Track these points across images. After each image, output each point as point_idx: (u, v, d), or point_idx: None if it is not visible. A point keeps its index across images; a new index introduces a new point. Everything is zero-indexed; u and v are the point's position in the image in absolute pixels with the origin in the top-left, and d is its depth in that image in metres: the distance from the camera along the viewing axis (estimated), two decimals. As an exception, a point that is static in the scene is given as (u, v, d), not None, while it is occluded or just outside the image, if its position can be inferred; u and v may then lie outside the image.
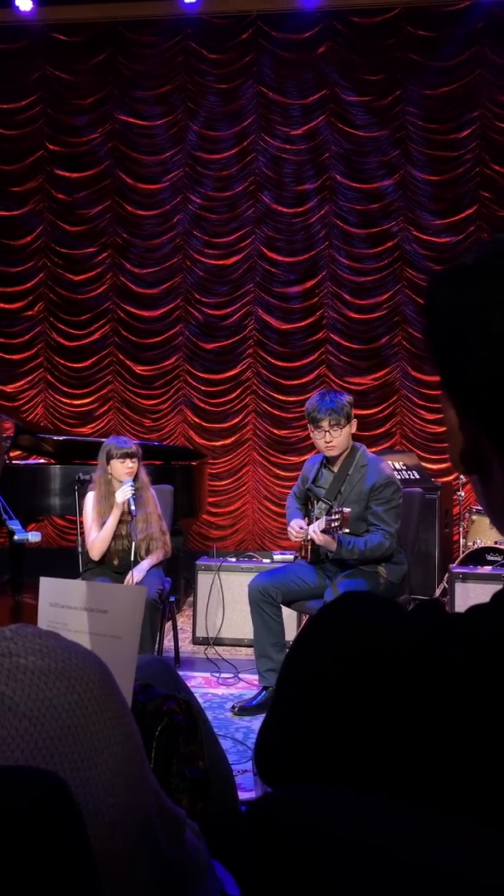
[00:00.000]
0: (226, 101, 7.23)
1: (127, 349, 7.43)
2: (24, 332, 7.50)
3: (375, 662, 0.63)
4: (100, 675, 0.70)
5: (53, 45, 7.33)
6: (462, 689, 0.59)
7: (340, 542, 3.50)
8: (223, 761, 1.51)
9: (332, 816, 0.58)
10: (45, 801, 0.59)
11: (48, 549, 6.53)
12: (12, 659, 0.67)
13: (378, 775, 0.62)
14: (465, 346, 0.66)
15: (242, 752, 3.22)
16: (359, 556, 3.53)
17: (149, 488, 4.10)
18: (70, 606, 1.13)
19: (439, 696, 0.60)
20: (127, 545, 3.94)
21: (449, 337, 0.67)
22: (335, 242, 7.14)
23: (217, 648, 4.69)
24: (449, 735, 0.59)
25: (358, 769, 0.63)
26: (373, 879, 0.54)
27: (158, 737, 1.07)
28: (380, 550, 3.53)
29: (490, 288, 0.64)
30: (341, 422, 3.57)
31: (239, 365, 7.29)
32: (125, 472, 3.94)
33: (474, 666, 0.59)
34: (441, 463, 6.87)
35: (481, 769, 0.58)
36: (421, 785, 0.60)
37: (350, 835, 0.57)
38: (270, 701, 0.76)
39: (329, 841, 0.57)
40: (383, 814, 0.59)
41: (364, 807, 0.59)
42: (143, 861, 0.75)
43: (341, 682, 0.64)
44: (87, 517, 4.05)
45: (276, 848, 0.59)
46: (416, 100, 6.94)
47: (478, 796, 0.58)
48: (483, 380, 0.64)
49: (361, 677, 0.63)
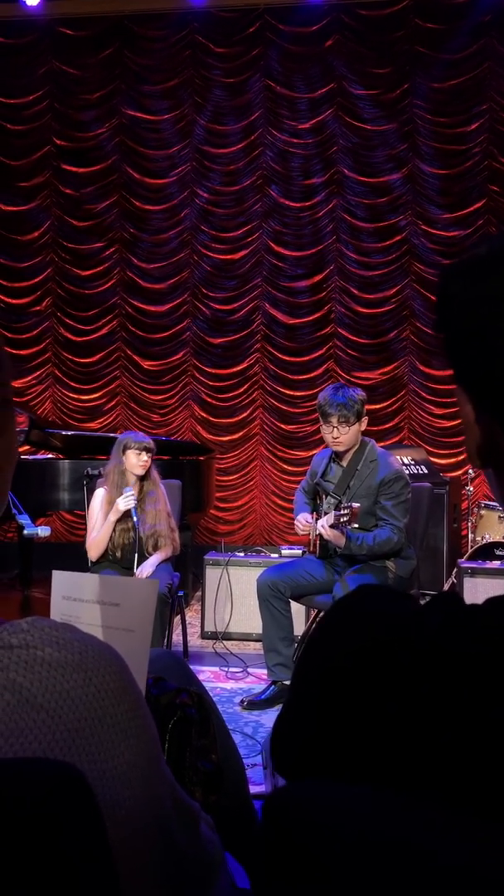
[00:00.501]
0: (233, 95, 7.21)
1: (134, 344, 7.43)
2: (32, 328, 7.51)
3: (387, 657, 0.63)
4: (116, 667, 0.71)
5: (60, 39, 7.32)
6: (475, 682, 0.59)
7: (349, 538, 3.51)
8: (235, 754, 1.51)
9: (341, 814, 0.59)
10: (62, 793, 0.59)
11: (57, 544, 6.54)
12: (30, 651, 0.67)
13: (390, 770, 0.62)
14: (479, 339, 0.65)
15: (251, 746, 3.23)
16: (367, 552, 3.53)
17: (159, 485, 4.11)
18: (83, 600, 1.13)
19: (451, 689, 0.59)
20: (132, 538, 3.96)
21: (463, 329, 0.67)
22: (343, 237, 7.12)
23: (225, 643, 4.70)
24: (461, 729, 0.59)
25: (370, 763, 0.63)
26: (380, 876, 0.54)
27: (171, 730, 1.07)
28: (388, 545, 3.53)
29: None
30: (350, 419, 3.56)
31: (246, 360, 7.28)
32: (139, 464, 3.97)
33: (488, 659, 0.59)
34: (450, 458, 6.86)
35: (494, 763, 0.58)
36: (432, 779, 0.60)
37: (358, 832, 0.57)
38: (286, 695, 0.76)
39: (336, 838, 0.57)
40: (392, 810, 0.59)
41: (373, 803, 0.59)
42: (159, 853, 0.75)
43: (353, 676, 0.65)
44: (92, 514, 4.07)
45: (285, 844, 0.59)
46: (424, 93, 6.90)
47: (489, 791, 0.58)
48: (498, 372, 0.64)
49: (373, 672, 0.63)
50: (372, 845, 0.55)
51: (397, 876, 0.53)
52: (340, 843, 0.56)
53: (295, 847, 0.58)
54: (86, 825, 0.60)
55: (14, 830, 0.57)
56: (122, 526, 3.97)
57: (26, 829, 0.57)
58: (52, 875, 0.57)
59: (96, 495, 4.10)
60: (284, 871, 0.58)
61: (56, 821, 0.58)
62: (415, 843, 0.54)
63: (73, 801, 0.60)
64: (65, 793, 0.59)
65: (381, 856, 0.54)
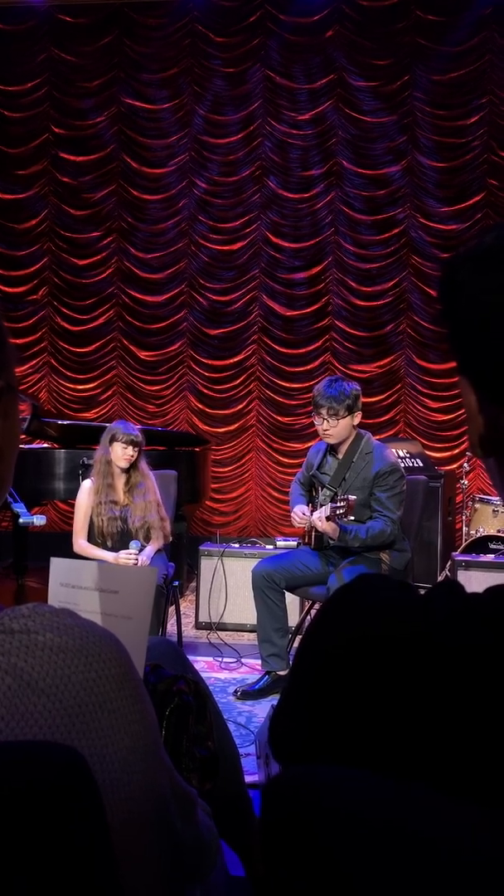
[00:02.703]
0: (232, 85, 7.18)
1: (131, 334, 7.42)
2: (29, 317, 7.49)
3: (389, 645, 0.63)
4: (117, 653, 0.71)
5: (59, 26, 7.27)
6: (474, 671, 0.59)
7: (343, 530, 3.52)
8: (230, 743, 1.52)
9: (344, 796, 0.59)
10: (63, 776, 0.60)
11: (51, 534, 6.54)
12: (30, 636, 0.67)
13: (391, 757, 0.62)
14: (486, 329, 0.65)
15: (245, 735, 3.24)
16: (361, 544, 3.55)
17: (149, 476, 4.10)
18: (81, 587, 1.13)
19: (454, 678, 0.60)
20: (121, 527, 3.97)
21: (469, 319, 0.67)
22: (341, 229, 7.11)
23: (220, 633, 4.71)
24: (465, 717, 0.59)
25: (369, 750, 0.63)
26: (381, 856, 0.55)
27: (169, 717, 1.08)
28: (381, 538, 3.54)
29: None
30: (339, 413, 3.56)
31: (243, 351, 7.28)
32: (124, 458, 3.96)
33: (491, 648, 0.59)
34: (445, 451, 6.87)
35: (497, 751, 0.58)
36: (428, 768, 0.60)
37: (362, 814, 0.57)
38: (285, 682, 0.77)
39: (341, 819, 0.58)
40: (391, 792, 0.59)
41: (372, 785, 0.60)
42: (158, 839, 0.76)
43: (354, 664, 0.65)
44: (79, 508, 4.06)
45: (287, 825, 0.60)
46: (424, 85, 6.88)
47: (485, 778, 0.58)
48: (503, 362, 0.64)
49: (374, 660, 0.64)
50: (375, 828, 0.55)
51: (399, 858, 0.54)
52: (344, 825, 0.56)
53: (297, 828, 0.58)
54: (86, 808, 0.60)
55: (16, 812, 0.57)
56: (109, 514, 3.98)
57: (28, 810, 0.57)
58: (51, 856, 0.58)
59: (83, 487, 4.10)
60: (286, 853, 0.58)
61: (57, 803, 0.58)
62: (414, 826, 0.55)
63: (73, 784, 0.60)
64: (65, 775, 0.60)
65: (384, 837, 0.55)
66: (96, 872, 0.61)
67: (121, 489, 4.03)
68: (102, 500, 3.99)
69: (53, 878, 0.58)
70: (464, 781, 0.59)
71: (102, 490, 3.99)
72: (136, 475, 4.05)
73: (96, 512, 4.00)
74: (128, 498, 4.02)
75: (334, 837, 0.57)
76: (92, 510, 4.01)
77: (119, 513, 3.99)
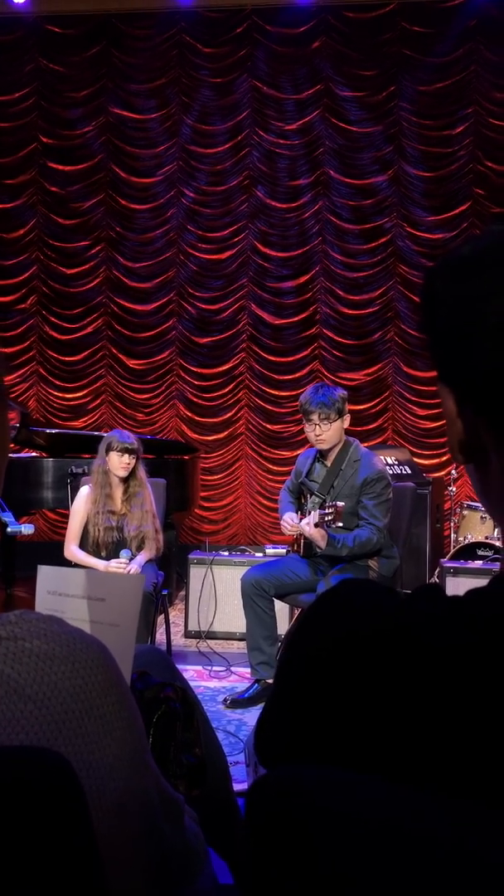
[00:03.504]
0: (220, 95, 7.22)
1: (120, 343, 7.42)
2: (17, 326, 7.48)
3: (373, 647, 0.64)
4: (103, 659, 0.71)
5: (47, 37, 7.29)
6: (459, 670, 0.60)
7: (331, 539, 3.53)
8: (219, 751, 1.52)
9: (334, 795, 0.60)
10: (50, 782, 0.60)
11: (40, 543, 6.52)
12: (17, 643, 0.67)
13: (370, 759, 0.63)
14: (463, 337, 0.67)
15: (234, 744, 3.24)
16: (348, 553, 3.56)
17: (146, 486, 4.09)
18: (68, 594, 1.13)
19: (437, 678, 0.60)
20: (117, 537, 3.96)
21: (448, 326, 0.68)
22: (328, 238, 7.15)
23: (209, 642, 4.70)
24: (446, 718, 0.60)
25: (350, 753, 0.64)
26: (376, 856, 0.55)
27: (156, 724, 1.08)
28: (368, 546, 3.56)
29: (490, 278, 0.65)
30: (331, 416, 3.59)
31: (232, 359, 7.29)
32: (121, 466, 3.95)
33: (472, 648, 0.60)
34: (433, 458, 6.90)
35: (477, 751, 0.59)
36: (414, 768, 0.61)
37: (353, 812, 0.58)
38: (271, 686, 0.77)
39: (331, 818, 0.58)
40: (382, 792, 0.60)
41: (364, 785, 0.60)
42: (145, 845, 0.76)
43: (338, 666, 0.65)
44: (75, 514, 4.04)
45: (274, 824, 0.60)
46: (411, 96, 6.94)
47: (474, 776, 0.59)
48: (483, 370, 0.65)
49: (358, 662, 0.64)
50: (371, 828, 0.56)
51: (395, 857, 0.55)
52: (338, 824, 0.57)
53: (291, 827, 0.58)
54: (73, 814, 0.61)
55: (2, 818, 0.57)
56: (106, 524, 3.97)
57: (15, 817, 0.58)
58: (38, 862, 0.58)
59: (80, 493, 4.09)
60: (278, 854, 0.58)
61: (44, 809, 0.59)
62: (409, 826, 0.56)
63: (60, 790, 0.60)
64: (52, 781, 0.60)
65: (379, 837, 0.55)
66: (83, 878, 0.61)
67: (119, 498, 4.02)
68: (100, 510, 3.97)
69: (41, 884, 0.58)
70: (451, 780, 0.59)
71: (100, 500, 3.97)
72: (134, 484, 4.04)
73: (93, 522, 3.97)
74: (125, 507, 4.01)
75: (329, 837, 0.57)
76: (88, 519, 4.00)
77: (115, 523, 3.97)
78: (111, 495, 3.99)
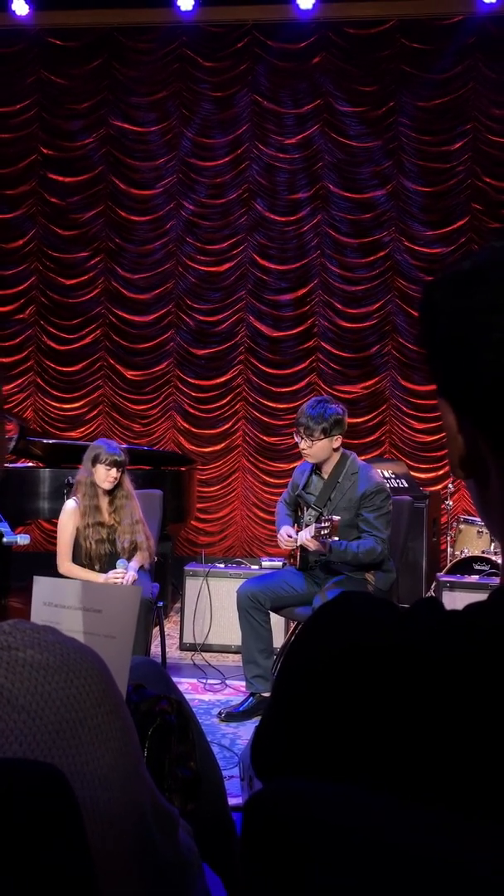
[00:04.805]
0: (220, 109, 7.26)
1: (118, 354, 7.43)
2: (15, 336, 7.49)
3: (371, 660, 0.64)
4: (98, 670, 0.71)
5: (49, 49, 7.34)
6: (459, 682, 0.60)
7: (332, 546, 3.51)
8: (214, 764, 1.51)
9: (330, 808, 0.59)
10: (44, 793, 0.59)
11: (35, 553, 6.50)
12: (11, 652, 0.67)
13: (369, 772, 0.63)
14: (462, 351, 0.67)
15: (229, 758, 3.22)
16: (351, 559, 3.53)
17: (133, 497, 4.04)
18: (64, 606, 1.13)
19: (436, 691, 0.60)
20: (110, 549, 3.93)
21: (446, 341, 0.68)
22: (327, 251, 7.18)
23: (204, 654, 4.68)
24: (447, 730, 0.59)
25: (347, 765, 0.64)
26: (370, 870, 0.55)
27: (151, 736, 1.07)
28: (372, 555, 3.53)
29: (491, 294, 0.65)
30: (314, 433, 3.56)
31: (230, 371, 7.30)
32: (107, 480, 3.89)
33: (472, 659, 0.60)
34: (430, 472, 6.90)
35: (477, 763, 0.58)
36: (412, 780, 0.60)
37: (347, 826, 0.58)
38: (269, 698, 0.77)
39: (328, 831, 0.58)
40: (379, 806, 0.59)
41: (362, 798, 0.60)
42: (139, 857, 0.75)
43: (337, 678, 0.65)
44: (63, 531, 3.97)
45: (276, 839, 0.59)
46: (410, 111, 6.99)
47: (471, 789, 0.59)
48: (483, 385, 0.65)
49: (357, 675, 0.64)
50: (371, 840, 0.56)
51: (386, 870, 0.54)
52: (337, 838, 0.56)
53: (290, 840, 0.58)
54: (66, 824, 0.60)
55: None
56: (98, 537, 3.93)
57: (8, 827, 0.57)
58: (31, 873, 0.57)
59: (66, 508, 3.98)
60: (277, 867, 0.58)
61: (37, 820, 0.58)
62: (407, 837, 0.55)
63: (53, 801, 0.60)
64: (45, 793, 0.59)
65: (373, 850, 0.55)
66: (77, 889, 0.61)
67: (105, 510, 3.98)
68: (90, 523, 3.91)
69: (34, 894, 0.58)
70: (450, 792, 0.59)
71: (89, 513, 3.91)
72: (120, 495, 3.99)
73: (84, 535, 3.90)
74: (113, 518, 3.97)
75: (327, 851, 0.57)
76: (79, 533, 3.94)
77: (106, 535, 3.94)
78: (98, 507, 3.94)
